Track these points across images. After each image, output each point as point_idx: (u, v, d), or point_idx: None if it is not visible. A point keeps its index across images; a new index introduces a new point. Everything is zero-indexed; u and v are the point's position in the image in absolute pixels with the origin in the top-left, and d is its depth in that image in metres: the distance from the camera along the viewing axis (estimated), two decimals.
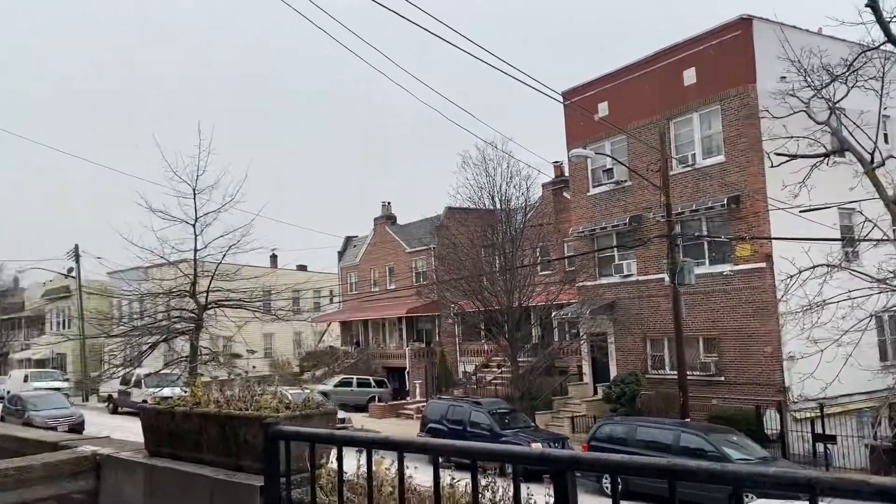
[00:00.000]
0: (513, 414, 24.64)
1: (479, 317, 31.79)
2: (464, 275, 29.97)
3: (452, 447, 3.08)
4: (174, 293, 24.93)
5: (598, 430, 20.51)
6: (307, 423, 4.27)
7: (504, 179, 30.08)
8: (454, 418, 24.19)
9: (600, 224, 29.14)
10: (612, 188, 29.12)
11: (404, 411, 35.93)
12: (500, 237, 29.82)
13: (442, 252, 35.26)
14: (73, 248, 50.43)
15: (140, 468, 4.91)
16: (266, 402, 4.54)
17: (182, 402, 4.85)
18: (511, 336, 28.73)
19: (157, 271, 29.23)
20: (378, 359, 45.77)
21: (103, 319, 31.78)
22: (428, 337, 44.23)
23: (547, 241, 32.33)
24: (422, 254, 43.90)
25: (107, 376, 32.71)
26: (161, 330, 24.51)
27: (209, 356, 25.43)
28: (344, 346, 50.85)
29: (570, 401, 30.07)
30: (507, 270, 28.67)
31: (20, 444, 6.39)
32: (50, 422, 27.35)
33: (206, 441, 4.56)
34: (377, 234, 49.66)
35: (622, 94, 28.46)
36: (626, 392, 26.22)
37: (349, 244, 54.37)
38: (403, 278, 45.49)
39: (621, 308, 28.58)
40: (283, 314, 29.80)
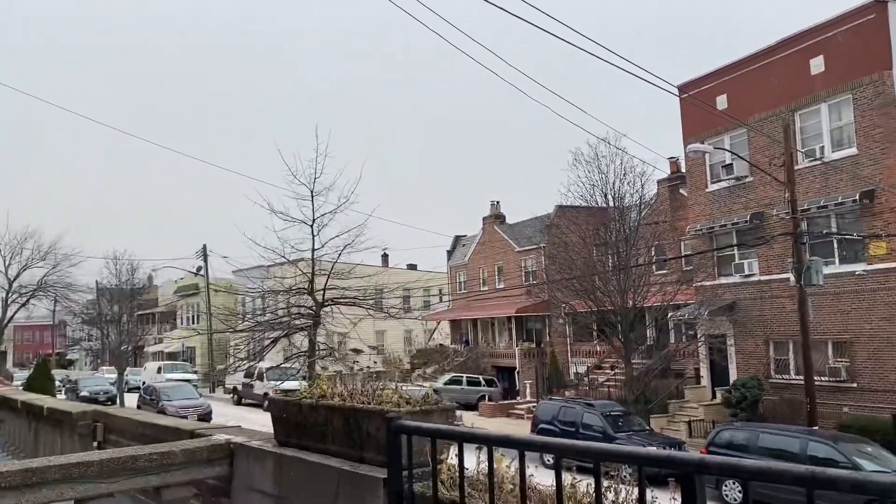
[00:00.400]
0: (626, 417, 24.11)
1: (591, 317, 31.25)
2: (575, 274, 29.53)
3: (574, 447, 3.07)
4: (293, 291, 25.92)
5: (718, 435, 19.73)
6: (427, 419, 4.37)
7: (617, 176, 29.42)
8: (566, 419, 23.94)
9: (719, 222, 28.03)
10: (732, 184, 27.95)
11: (514, 411, 35.87)
12: (614, 235, 29.18)
13: (552, 251, 34.90)
14: (202, 249, 53.55)
15: (270, 457, 5.16)
16: (387, 397, 4.67)
17: (308, 394, 5.06)
18: (625, 337, 28.09)
19: (278, 270, 30.49)
20: (487, 358, 45.88)
21: (229, 315, 33.43)
22: (538, 337, 43.95)
23: (662, 239, 31.36)
24: (531, 253, 43.67)
25: (232, 369, 34.51)
26: (282, 326, 25.54)
27: (326, 351, 26.32)
28: (453, 345, 51.33)
29: (687, 405, 29.11)
30: (620, 270, 28.03)
31: (159, 431, 6.86)
32: (181, 411, 29.13)
33: (331, 432, 4.74)
34: (486, 234, 49.80)
35: (742, 85, 27.26)
36: (747, 397, 25.12)
37: (458, 243, 54.81)
38: (512, 277, 45.40)
39: (742, 309, 27.39)
40: (394, 312, 30.42)
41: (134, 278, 47.53)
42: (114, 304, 44.74)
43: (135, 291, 47.15)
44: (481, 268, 49.61)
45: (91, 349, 74.08)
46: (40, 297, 54.46)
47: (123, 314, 43.82)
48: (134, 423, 7.52)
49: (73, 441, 8.57)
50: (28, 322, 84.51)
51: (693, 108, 27.38)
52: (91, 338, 66.88)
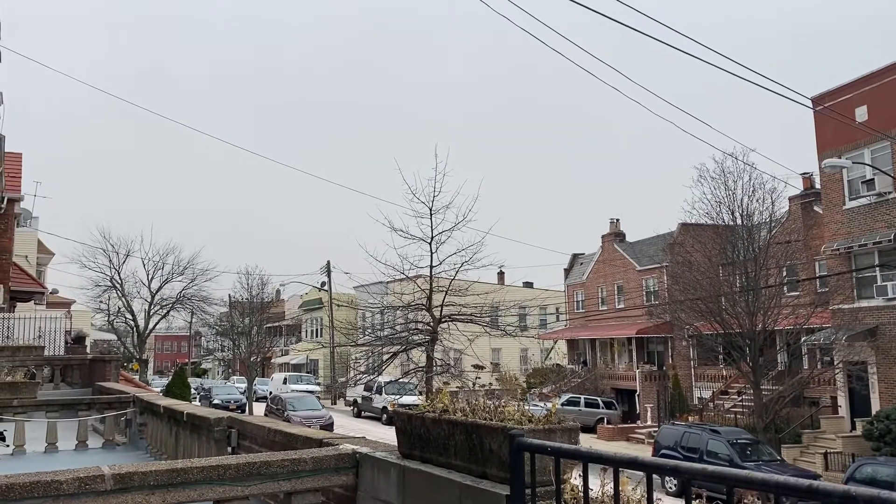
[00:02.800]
0: (755, 445, 22.92)
1: (716, 340, 29.94)
2: (700, 295, 28.40)
3: (706, 471, 2.96)
4: (412, 306, 26.40)
5: (858, 469, 18.41)
6: (550, 438, 4.34)
7: (745, 193, 28.12)
8: (689, 446, 23.05)
9: (859, 240, 26.25)
10: (873, 200, 26.15)
11: (634, 435, 34.87)
12: (742, 255, 27.87)
13: (676, 270, 33.75)
14: (326, 265, 55.58)
15: (394, 468, 5.29)
16: (510, 414, 4.68)
17: (431, 408, 5.15)
18: (754, 361, 26.70)
19: (397, 286, 31.18)
20: (606, 379, 44.89)
21: (350, 329, 34.49)
22: (659, 359, 42.60)
23: (795, 259, 29.68)
24: (653, 272, 42.48)
25: (352, 382, 35.51)
26: (400, 341, 26.05)
27: (443, 367, 26.61)
28: (570, 365, 50.56)
29: (823, 435, 27.32)
30: (749, 291, 26.72)
31: (290, 439, 7.16)
32: (305, 421, 30.23)
33: (453, 447, 4.80)
34: (605, 252, 48.91)
35: (884, 96, 25.53)
36: (891, 430, 23.27)
37: (576, 261, 54.11)
38: (633, 297, 44.29)
39: (886, 334, 25.46)
40: (511, 330, 30.34)
41: (263, 292, 49.91)
42: (244, 316, 47.13)
43: (264, 305, 49.47)
44: (600, 286, 48.72)
45: (223, 359, 78.38)
46: (178, 309, 58.14)
47: (253, 326, 46.06)
48: (265, 430, 7.89)
49: (210, 445, 9.09)
50: (167, 333, 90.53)
51: (829, 121, 25.90)
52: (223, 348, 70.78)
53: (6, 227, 25.27)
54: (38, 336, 23.14)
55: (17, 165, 27.22)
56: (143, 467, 5.07)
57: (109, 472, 4.84)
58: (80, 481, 4.69)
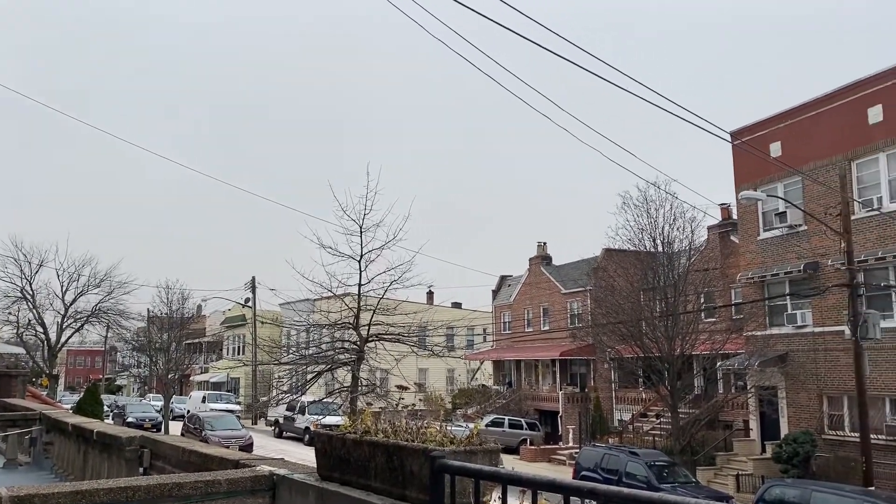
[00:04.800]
0: (672, 467, 23.49)
1: (637, 363, 30.69)
2: (622, 318, 29.12)
3: (621, 494, 3.01)
4: (339, 325, 26.09)
5: (767, 491, 19.04)
6: (471, 459, 4.34)
7: (667, 221, 29.13)
8: (609, 467, 23.43)
9: (771, 270, 27.45)
10: (786, 232, 27.42)
11: (556, 456, 35.25)
12: (662, 281, 28.77)
13: (599, 294, 34.52)
14: (251, 281, 54.47)
15: (312, 490, 5.17)
16: (432, 436, 4.65)
17: (352, 429, 5.08)
18: (672, 385, 27.48)
19: (325, 303, 30.79)
20: (530, 400, 45.34)
21: (274, 347, 33.82)
22: (582, 381, 43.30)
23: (712, 286, 30.80)
24: (577, 295, 43.29)
25: (274, 402, 34.71)
26: (326, 360, 25.68)
27: (368, 387, 26.33)
28: (496, 386, 50.85)
29: (735, 458, 28.25)
30: (668, 316, 27.55)
31: (205, 460, 6.93)
32: (223, 441, 29.35)
33: (374, 469, 4.74)
34: (532, 274, 49.59)
35: (797, 133, 26.90)
36: (798, 452, 24.27)
37: (504, 283, 54.66)
38: (558, 319, 44.98)
39: (794, 361, 26.62)
40: (438, 350, 30.32)
41: (184, 307, 48.40)
42: (163, 332, 45.60)
43: (184, 320, 47.94)
44: (526, 308, 49.31)
45: (139, 376, 75.53)
46: (94, 322, 55.73)
47: (172, 342, 44.59)
48: (179, 450, 7.61)
49: (121, 465, 8.71)
50: (80, 347, 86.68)
51: (746, 155, 27.07)
52: (140, 364, 68.26)
53: None
54: None
55: None
56: (45, 489, 4.81)
57: (7, 493, 4.57)
58: None
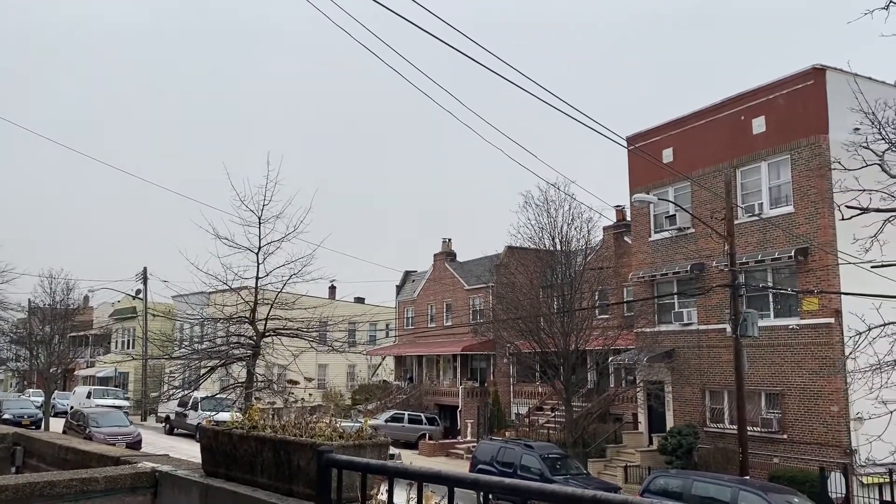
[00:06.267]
0: (565, 460, 24.18)
1: (534, 358, 31.45)
2: (521, 314, 29.76)
3: (503, 484, 3.07)
4: (234, 319, 25.38)
5: (653, 481, 19.92)
6: (360, 454, 4.33)
7: (565, 221, 29.97)
8: (505, 460, 23.88)
9: (661, 270, 28.69)
10: (675, 234, 28.71)
11: (454, 450, 35.62)
12: (560, 278, 29.59)
13: (500, 291, 35.13)
14: (142, 271, 52.28)
15: (196, 487, 5.03)
16: (320, 431, 4.62)
17: (240, 424, 4.97)
18: (566, 379, 28.31)
19: (220, 297, 29.88)
20: (430, 395, 45.62)
21: (166, 341, 32.51)
22: (482, 376, 43.93)
23: (606, 284, 31.93)
24: (480, 292, 43.87)
25: (165, 397, 33.43)
26: (220, 354, 24.95)
27: (264, 383, 25.76)
28: (397, 381, 50.89)
29: (624, 450, 29.37)
30: (564, 312, 28.36)
31: (83, 457, 6.61)
32: (109, 438, 28.07)
33: (260, 464, 4.65)
34: (436, 270, 49.89)
35: (688, 140, 28.20)
36: (682, 444, 25.49)
37: (408, 279, 54.73)
38: (461, 315, 45.46)
39: (680, 357, 27.93)
40: (338, 346, 30.01)
41: (69, 298, 45.82)
42: (45, 324, 43.05)
43: (69, 312, 45.39)
44: (430, 304, 49.55)
45: (18, 370, 71.05)
46: None
47: (55, 335, 42.16)
48: (56, 447, 7.23)
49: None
50: None
51: (640, 160, 28.17)
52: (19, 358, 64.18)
53: None
54: None
55: None
56: None
57: None
58: None
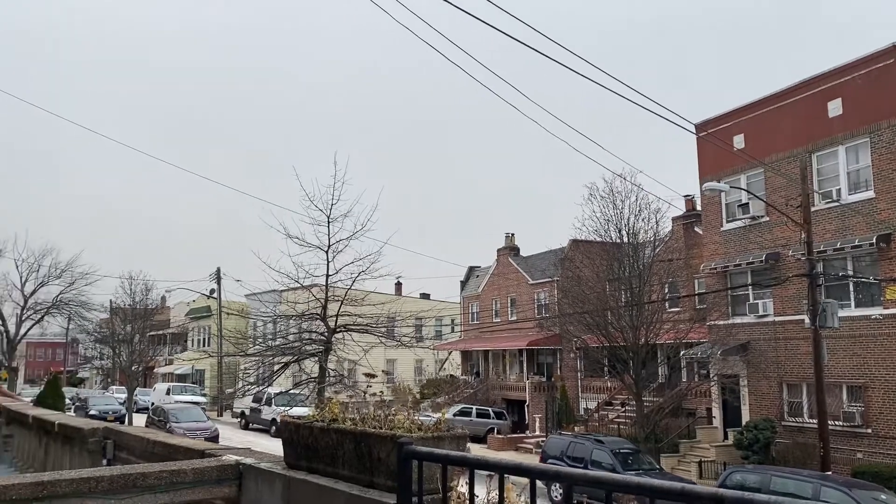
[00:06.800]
0: (636, 455, 23.84)
1: (602, 352, 31.05)
2: (588, 308, 29.40)
3: (588, 477, 3.05)
4: (306, 316, 25.92)
5: (728, 477, 19.45)
6: (439, 445, 4.36)
7: (632, 212, 29.41)
8: (575, 455, 23.69)
9: (734, 260, 27.93)
10: (748, 223, 27.90)
11: (523, 445, 35.55)
12: (627, 271, 29.09)
13: (566, 285, 34.79)
14: (216, 271, 53.82)
15: (279, 479, 5.16)
16: (399, 423, 4.67)
17: (320, 417, 5.07)
18: (636, 374, 27.86)
19: (291, 294, 30.54)
20: (497, 390, 45.61)
21: (240, 339, 33.47)
22: (549, 370, 43.67)
23: (676, 276, 31.24)
24: (545, 286, 43.58)
25: (240, 393, 34.45)
26: (293, 351, 25.52)
27: (336, 378, 26.23)
28: (464, 376, 51.05)
29: (698, 445, 28.77)
30: (633, 306, 27.89)
31: (170, 450, 6.87)
32: (189, 433, 29.03)
33: (341, 456, 4.74)
34: (500, 265, 49.80)
35: (760, 126, 27.35)
36: (759, 439, 24.80)
37: (472, 274, 54.80)
38: (525, 310, 45.27)
39: (756, 349, 27.15)
40: (406, 340, 30.32)
41: (147, 299, 47.67)
42: (126, 323, 44.86)
43: (148, 312, 47.22)
44: (494, 299, 49.52)
45: (102, 368, 74.28)
46: (54, 314, 54.69)
47: (135, 334, 43.91)
48: (144, 441, 7.54)
49: (83, 457, 8.59)
50: (41, 339, 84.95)
51: (710, 147, 27.47)
52: (102, 357, 67.02)
53: None
54: None
55: None
56: (5, 480, 4.73)
57: None
58: None
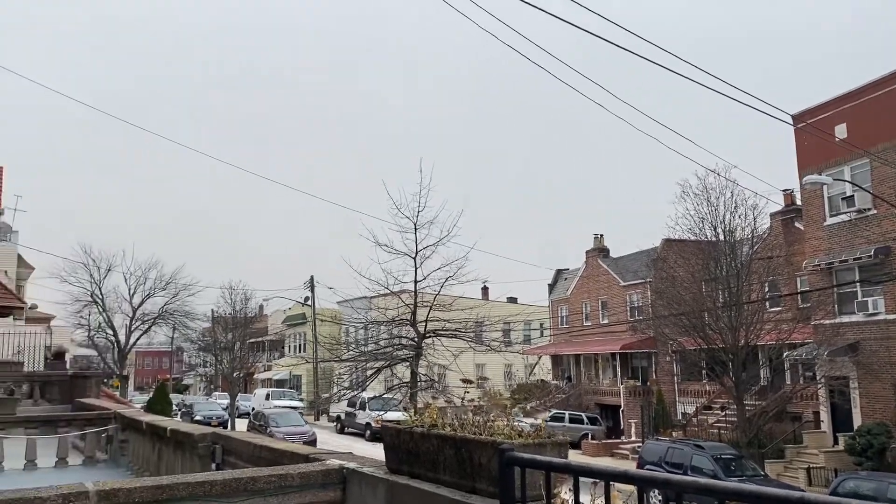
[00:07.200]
0: (739, 461, 22.98)
1: (700, 355, 30.09)
2: (684, 310, 28.55)
3: (698, 485, 2.97)
4: (396, 321, 26.34)
5: (841, 484, 18.50)
6: (539, 452, 4.34)
7: (728, 209, 28.40)
8: (673, 461, 23.07)
9: (839, 256, 26.57)
10: (854, 217, 26.50)
11: (619, 451, 34.89)
12: (724, 270, 28.11)
13: (659, 286, 33.93)
14: (309, 280, 55.40)
15: (382, 483, 5.25)
16: (499, 429, 4.67)
17: (419, 423, 5.13)
18: (737, 377, 26.86)
19: (381, 301, 31.09)
20: (590, 395, 44.93)
21: (334, 344, 34.32)
22: (643, 374, 42.71)
23: (777, 274, 29.95)
24: (637, 287, 42.68)
25: (336, 398, 35.30)
26: (385, 356, 25.97)
27: (427, 382, 26.51)
28: (555, 381, 50.56)
29: (805, 450, 27.48)
30: (732, 306, 26.92)
31: (276, 455, 7.09)
32: (288, 437, 29.95)
33: (442, 461, 4.78)
34: (589, 267, 49.10)
35: (863, 114, 25.94)
36: (873, 444, 23.47)
37: (560, 277, 54.25)
38: (617, 312, 44.44)
39: (866, 350, 25.72)
40: (496, 345, 30.32)
41: (247, 307, 49.58)
42: (227, 332, 46.76)
43: (247, 320, 49.12)
44: (584, 302, 48.86)
45: (205, 375, 77.61)
46: (160, 324, 57.59)
47: (236, 342, 45.71)
48: (251, 445, 7.81)
49: (194, 461, 8.98)
50: (148, 348, 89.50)
51: (809, 138, 26.28)
52: (206, 364, 70.08)
53: None
54: (18, 352, 22.85)
55: None
56: (128, 483, 5.01)
57: (94, 488, 4.77)
58: (63, 498, 4.62)
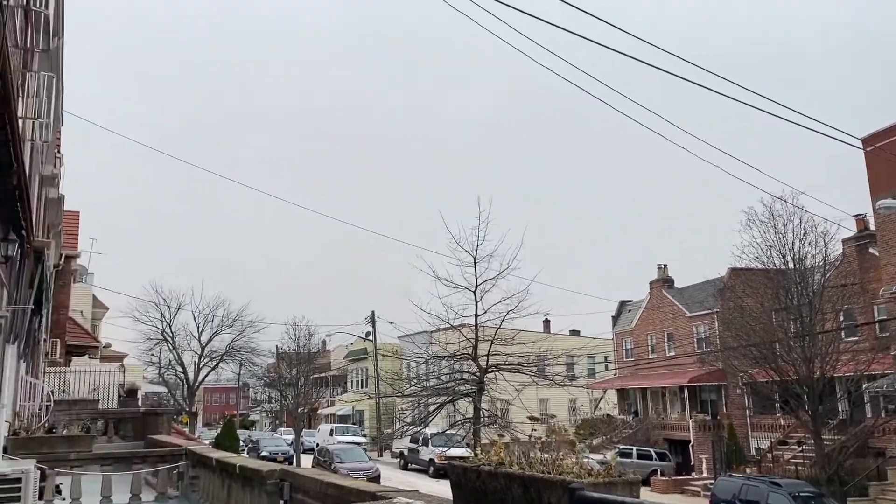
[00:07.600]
0: (819, 499, 21.94)
1: (772, 387, 29.01)
2: (754, 341, 27.64)
3: None
4: (457, 356, 26.24)
5: None
6: (610, 491, 4.25)
7: (796, 236, 27.54)
8: (748, 499, 22.18)
9: None
10: None
11: (690, 487, 33.76)
12: (796, 299, 27.16)
13: (727, 316, 32.98)
14: (370, 315, 55.83)
15: None
16: (567, 467, 4.60)
17: (486, 461, 5.09)
18: (813, 410, 25.76)
19: (442, 335, 31.08)
20: (658, 429, 43.67)
21: (396, 380, 34.38)
22: (713, 408, 41.38)
23: (852, 303, 28.77)
24: (704, 318, 41.58)
25: (398, 434, 35.26)
26: (447, 391, 25.84)
27: (490, 418, 26.22)
28: (621, 415, 49.38)
29: (891, 487, 26.06)
30: (804, 336, 25.94)
31: (343, 492, 7.11)
32: (353, 473, 29.96)
33: (510, 500, 4.72)
34: (653, 298, 48.14)
35: None
36: None
37: (623, 309, 53.31)
38: (684, 344, 43.33)
39: None
40: (559, 379, 29.84)
41: (310, 343, 50.23)
42: (292, 367, 47.40)
43: (311, 356, 49.72)
44: (649, 334, 47.84)
45: (271, 410, 78.66)
46: (227, 360, 58.90)
47: (300, 377, 46.26)
48: (318, 482, 7.87)
49: (262, 498, 9.08)
50: (216, 384, 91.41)
51: (881, 161, 25.39)
52: (271, 400, 71.10)
53: (64, 284, 26.08)
54: (93, 390, 23.60)
55: (75, 224, 28.24)
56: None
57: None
58: None
